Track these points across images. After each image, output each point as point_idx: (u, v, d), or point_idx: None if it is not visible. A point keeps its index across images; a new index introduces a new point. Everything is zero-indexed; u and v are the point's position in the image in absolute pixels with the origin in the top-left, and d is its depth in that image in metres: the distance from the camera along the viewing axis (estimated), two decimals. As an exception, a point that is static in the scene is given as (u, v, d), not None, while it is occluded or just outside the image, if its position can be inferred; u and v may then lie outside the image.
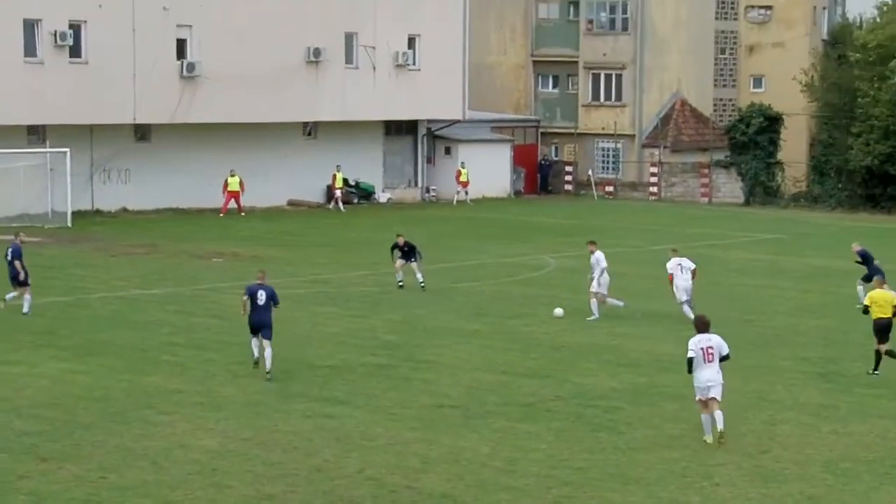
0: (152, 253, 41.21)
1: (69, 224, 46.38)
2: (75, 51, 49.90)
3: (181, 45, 52.85)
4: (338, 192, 57.60)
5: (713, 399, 20.06)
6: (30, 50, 48.82)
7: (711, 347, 20.08)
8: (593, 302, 31.20)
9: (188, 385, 23.50)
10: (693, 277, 30.80)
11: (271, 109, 55.24)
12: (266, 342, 24.50)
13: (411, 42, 60.45)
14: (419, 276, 34.85)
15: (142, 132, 53.99)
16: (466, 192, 61.59)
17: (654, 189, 67.05)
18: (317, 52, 56.37)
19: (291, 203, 57.55)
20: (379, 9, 58.56)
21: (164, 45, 52.02)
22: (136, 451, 19.25)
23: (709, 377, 20.01)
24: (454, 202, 61.29)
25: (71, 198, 47.69)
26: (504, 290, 35.52)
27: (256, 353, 25.00)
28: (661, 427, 21.20)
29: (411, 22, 59.93)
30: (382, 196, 61.22)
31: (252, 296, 24.73)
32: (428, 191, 63.81)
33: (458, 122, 63.25)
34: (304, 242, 44.86)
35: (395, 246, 35.28)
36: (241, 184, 53.71)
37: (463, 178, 61.63)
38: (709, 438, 20.16)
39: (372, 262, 39.98)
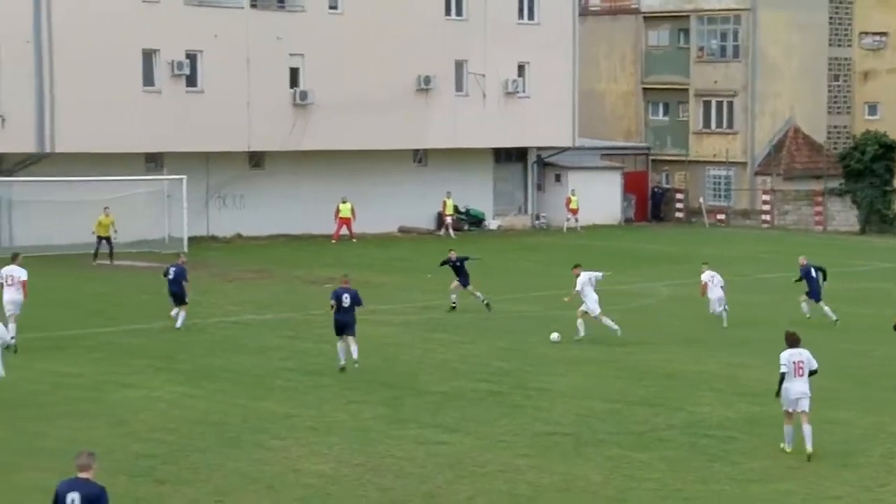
0: (266, 278, 41.69)
1: (185, 250, 47.01)
2: (191, 80, 50.77)
3: (294, 74, 53.52)
4: (448, 219, 57.81)
5: (803, 412, 20.62)
6: (148, 79, 49.78)
7: (802, 361, 20.66)
8: (580, 322, 31.08)
9: (301, 410, 23.70)
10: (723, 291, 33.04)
11: (382, 136, 55.66)
12: (350, 338, 26.64)
13: (521, 69, 60.57)
14: (478, 294, 34.85)
15: (256, 159, 54.72)
16: (577, 220, 61.47)
17: (767, 217, 66.32)
18: (427, 80, 56.72)
19: (402, 230, 57.87)
20: (489, 36, 58.79)
21: (278, 74, 52.72)
22: (250, 476, 19.45)
23: (799, 390, 20.58)
24: (564, 229, 61.19)
25: (187, 224, 48.46)
26: (615, 318, 35.29)
27: (343, 360, 26.63)
28: (776, 458, 20.91)
29: (521, 49, 60.05)
30: (492, 223, 61.32)
31: (338, 298, 26.65)
32: (538, 218, 63.78)
33: (568, 149, 63.16)
34: (415, 268, 45.04)
35: (447, 261, 35.26)
36: (352, 210, 54.17)
37: (573, 206, 61.52)
38: (787, 447, 20.75)
39: (482, 290, 39.97)
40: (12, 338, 24.98)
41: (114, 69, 48.31)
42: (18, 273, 29.44)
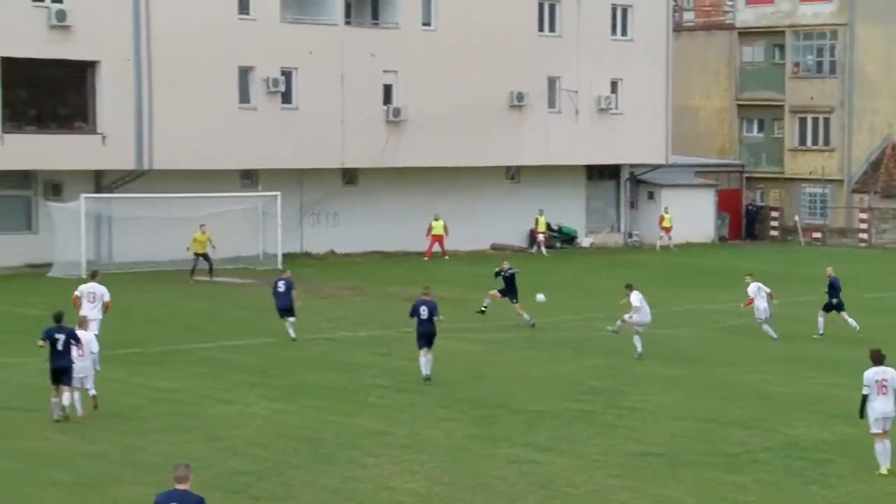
0: (359, 295, 41.91)
1: (280, 266, 47.43)
2: (286, 97, 51.25)
3: (387, 90, 53.83)
4: (540, 237, 57.74)
5: (885, 431, 20.75)
6: (244, 97, 50.33)
7: (885, 380, 20.61)
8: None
9: (394, 427, 23.80)
10: (771, 299, 34.03)
11: (475, 153, 55.76)
12: (427, 350, 27.65)
13: (614, 86, 60.40)
14: (525, 316, 34.80)
15: (349, 176, 55.07)
16: (670, 238, 61.09)
17: (864, 235, 65.40)
18: (520, 96, 56.76)
19: (495, 247, 57.87)
20: (582, 53, 58.70)
21: (371, 91, 53.05)
22: (343, 493, 19.57)
23: (882, 410, 20.61)
24: (657, 247, 60.84)
25: (281, 240, 48.88)
26: (709, 337, 35.11)
27: (425, 371, 27.62)
28: (874, 482, 20.63)
29: (614, 66, 59.88)
30: (585, 240, 61.16)
31: (416, 311, 27.84)
32: (631, 235, 63.48)
33: (662, 166, 62.85)
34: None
35: (499, 272, 35.14)
36: (445, 227, 54.30)
37: (666, 224, 61.15)
38: (883, 469, 20.66)
39: (575, 307, 39.93)
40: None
41: (211, 86, 48.93)
42: (100, 291, 29.80)
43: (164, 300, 39.85)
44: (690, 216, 63.11)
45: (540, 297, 31.59)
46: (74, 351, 23.53)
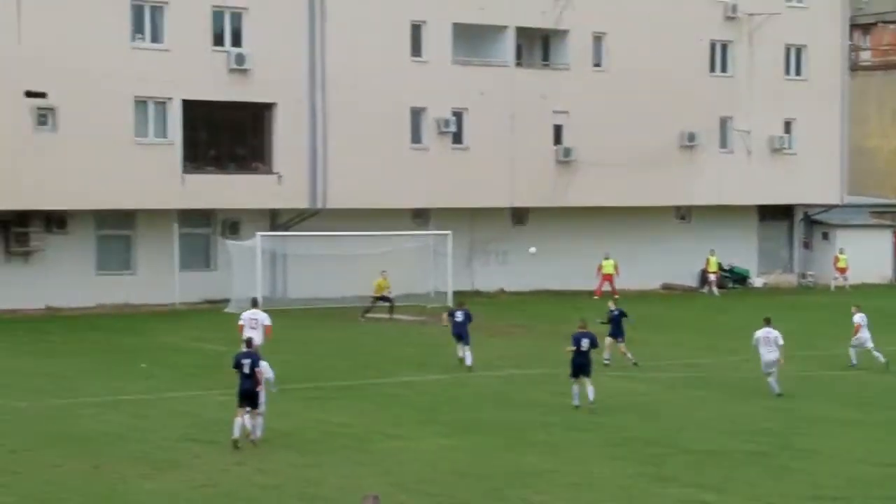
0: (528, 333, 42.00)
1: (450, 304, 47.88)
2: (457, 137, 51.79)
3: (557, 131, 54.00)
4: (712, 277, 57.19)
5: None
6: (416, 137, 51.02)
7: None
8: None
9: (564, 465, 23.78)
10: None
11: (645, 193, 55.57)
12: (587, 380, 28.84)
13: (787, 126, 59.66)
14: (629, 355, 34.75)
15: (519, 215, 55.32)
16: (845, 279, 59.91)
17: None
18: (691, 137, 56.43)
19: (665, 286, 57.51)
20: (755, 93, 58.15)
21: (542, 131, 53.29)
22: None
23: None
24: (832, 287, 59.72)
25: (452, 278, 49.29)
26: (889, 380, 34.32)
27: (577, 401, 28.84)
28: None
29: (788, 105, 59.18)
30: (757, 281, 60.35)
31: (577, 342, 28.95)
32: (804, 276, 62.43)
33: (836, 206, 61.75)
34: (678, 326, 44.68)
35: (610, 312, 35.48)
36: (615, 266, 54.15)
37: (841, 264, 60.00)
38: None
39: (746, 348, 39.37)
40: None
41: (383, 127, 49.71)
42: (262, 317, 32.03)
43: (337, 336, 40.51)
44: (866, 257, 61.81)
45: (532, 249, 31.97)
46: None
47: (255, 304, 33.79)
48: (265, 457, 23.83)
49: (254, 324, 31.58)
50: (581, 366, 28.90)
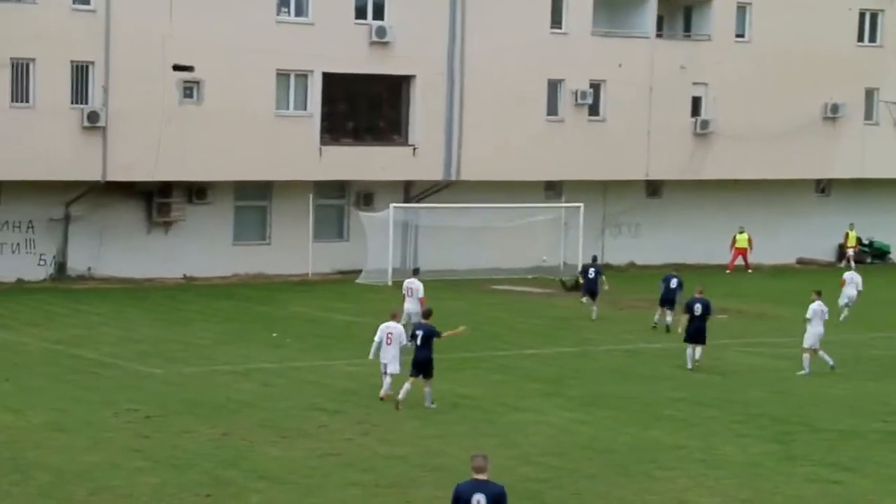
0: (657, 307, 41.57)
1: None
2: (594, 109, 51.47)
3: (696, 103, 53.37)
4: (850, 251, 56.11)
5: None
6: (552, 109, 50.80)
7: None
8: (805, 357, 30.55)
9: (690, 441, 23.62)
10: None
11: (784, 166, 54.67)
12: (700, 348, 30.73)
13: (936, 97, 58.16)
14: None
15: (653, 188, 54.85)
16: None
17: None
18: (835, 108, 55.31)
19: (801, 261, 56.57)
20: (904, 63, 56.83)
21: (680, 103, 52.71)
22: (636, 504, 19.59)
23: None
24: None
25: (582, 251, 49.08)
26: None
27: (690, 364, 30.40)
28: None
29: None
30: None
31: (690, 308, 30.85)
32: (949, 251, 60.89)
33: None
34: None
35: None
36: (749, 241, 53.44)
37: None
38: None
39: (883, 324, 38.69)
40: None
41: (520, 99, 49.56)
42: (416, 286, 33.34)
43: (466, 308, 40.59)
44: None
45: (544, 258, 32.04)
46: (393, 339, 26.10)
47: (415, 272, 35.04)
48: (390, 427, 24.07)
49: (410, 292, 33.21)
50: (695, 331, 30.65)
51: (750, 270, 52.90)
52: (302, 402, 25.97)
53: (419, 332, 25.98)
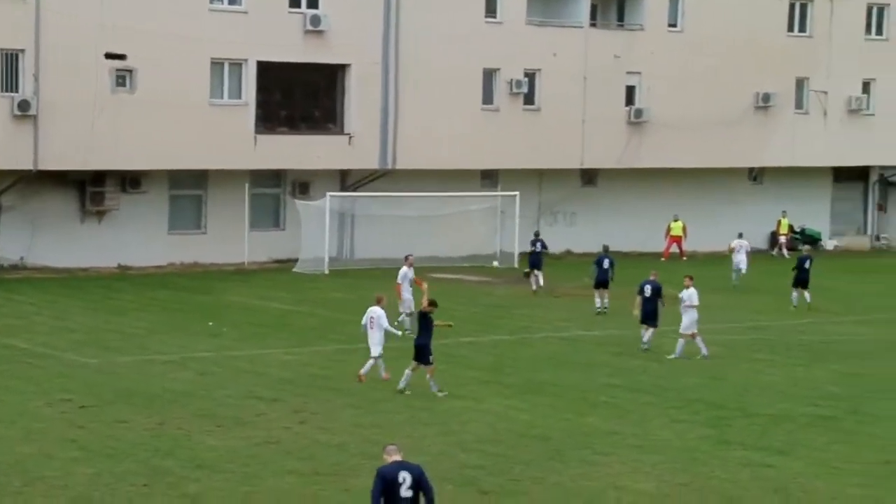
0: (594, 295, 41.80)
1: (516, 265, 47.96)
2: (529, 98, 51.60)
3: (630, 92, 53.65)
4: (782, 239, 56.70)
5: None
6: (487, 98, 50.88)
7: None
8: (680, 342, 30.83)
9: (626, 427, 23.80)
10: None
11: (717, 155, 55.10)
12: (652, 330, 31.46)
13: (865, 86, 58.83)
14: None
15: (588, 177, 55.10)
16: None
17: None
18: (766, 98, 55.81)
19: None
20: (833, 53, 57.37)
21: (614, 92, 52.97)
22: (572, 490, 19.69)
23: None
24: (906, 251, 59.10)
25: (518, 239, 49.24)
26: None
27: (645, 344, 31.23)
28: None
29: (867, 66, 58.32)
30: (829, 243, 59.73)
31: (642, 289, 31.82)
32: (878, 239, 61.70)
33: (914, 168, 60.94)
34: (745, 288, 44.42)
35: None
36: (683, 228, 53.85)
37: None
38: None
39: (816, 311, 39.14)
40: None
41: (455, 88, 49.56)
42: (407, 273, 33.78)
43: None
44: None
45: (495, 262, 32.40)
46: (375, 323, 26.93)
47: (406, 259, 34.82)
48: (328, 415, 24.07)
49: (402, 278, 33.61)
50: (646, 313, 31.45)
51: (684, 258, 53.29)
52: (239, 391, 25.89)
53: (423, 322, 26.37)
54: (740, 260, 45.76)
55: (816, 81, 57.38)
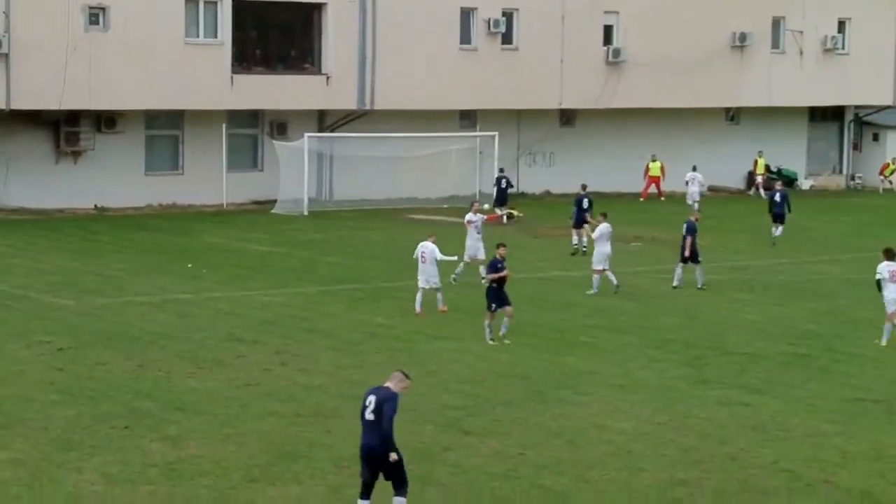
0: (571, 235, 41.89)
1: (490, 206, 47.92)
2: (507, 38, 51.38)
3: (608, 31, 53.49)
4: (759, 179, 56.85)
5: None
6: (465, 38, 50.65)
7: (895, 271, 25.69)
8: (595, 277, 31.32)
9: (605, 367, 23.93)
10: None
11: (694, 94, 55.10)
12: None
13: (841, 26, 58.81)
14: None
15: (567, 117, 55.05)
16: (891, 182, 59.43)
17: None
18: (742, 37, 55.74)
19: (711, 189, 57.17)
20: (809, -8, 57.36)
21: (592, 32, 52.80)
22: (553, 430, 19.82)
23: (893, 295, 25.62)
24: (880, 191, 59.24)
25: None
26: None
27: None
28: None
29: (841, 5, 58.31)
30: (805, 183, 59.92)
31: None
32: (853, 178, 61.93)
33: (888, 107, 60.99)
34: (723, 229, 44.52)
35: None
36: (662, 169, 53.92)
37: (888, 173, 59.56)
38: (883, 342, 25.73)
39: (793, 250, 39.33)
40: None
41: (432, 28, 49.34)
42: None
43: (381, 238, 40.67)
44: (917, 159, 61.12)
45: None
46: (427, 257, 28.28)
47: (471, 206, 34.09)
48: (308, 357, 24.11)
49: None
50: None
51: (662, 198, 53.40)
52: (219, 333, 25.89)
53: (500, 266, 25.94)
54: (693, 192, 48.95)
55: (792, 21, 57.32)
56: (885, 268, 25.82)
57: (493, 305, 25.64)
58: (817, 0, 57.38)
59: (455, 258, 29.85)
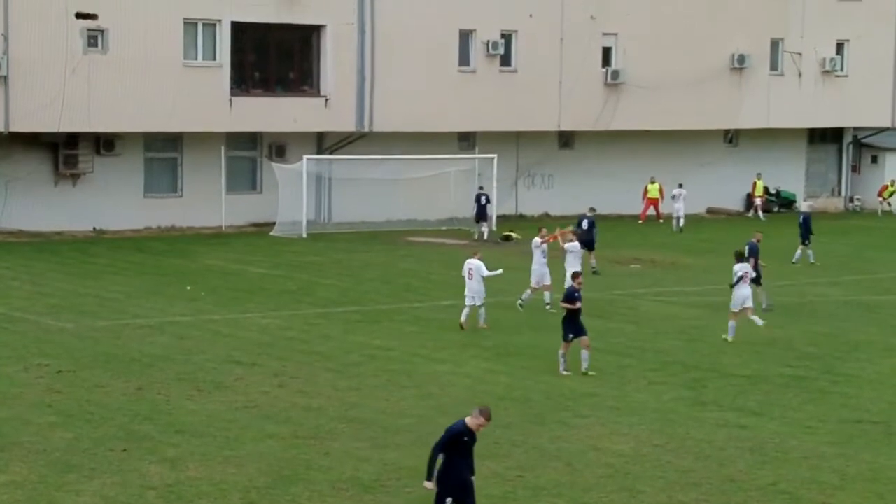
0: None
1: (494, 228, 48.04)
2: (505, 60, 51.51)
3: (606, 53, 53.62)
4: (758, 200, 56.90)
5: (747, 309, 28.60)
6: (464, 60, 50.77)
7: (748, 272, 28.74)
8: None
9: (604, 389, 23.90)
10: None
11: (693, 116, 55.21)
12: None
13: (840, 47, 58.95)
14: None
15: (565, 139, 55.14)
16: (889, 204, 59.50)
17: None
18: (741, 59, 55.87)
19: (710, 210, 57.27)
20: (807, 14, 57.42)
21: (590, 53, 52.92)
22: (551, 452, 19.79)
23: (745, 294, 28.53)
24: (879, 213, 59.29)
25: (496, 202, 49.27)
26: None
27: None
28: None
29: (841, 27, 58.46)
30: (804, 205, 59.86)
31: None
32: (852, 200, 61.99)
33: (887, 129, 61.11)
34: (722, 250, 44.31)
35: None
36: (660, 191, 53.97)
37: (886, 195, 59.66)
38: (729, 337, 27.94)
39: (790, 273, 39.33)
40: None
41: (431, 50, 49.47)
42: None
43: (380, 260, 40.67)
44: (915, 181, 61.21)
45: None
46: (473, 274, 28.95)
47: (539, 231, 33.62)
48: (307, 379, 24.08)
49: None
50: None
51: (661, 220, 53.45)
52: (217, 355, 25.87)
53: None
54: (678, 207, 50.31)
55: (791, 42, 57.48)
56: (739, 269, 28.85)
57: (570, 335, 25.24)
58: (816, 22, 57.54)
59: (500, 272, 29.84)
